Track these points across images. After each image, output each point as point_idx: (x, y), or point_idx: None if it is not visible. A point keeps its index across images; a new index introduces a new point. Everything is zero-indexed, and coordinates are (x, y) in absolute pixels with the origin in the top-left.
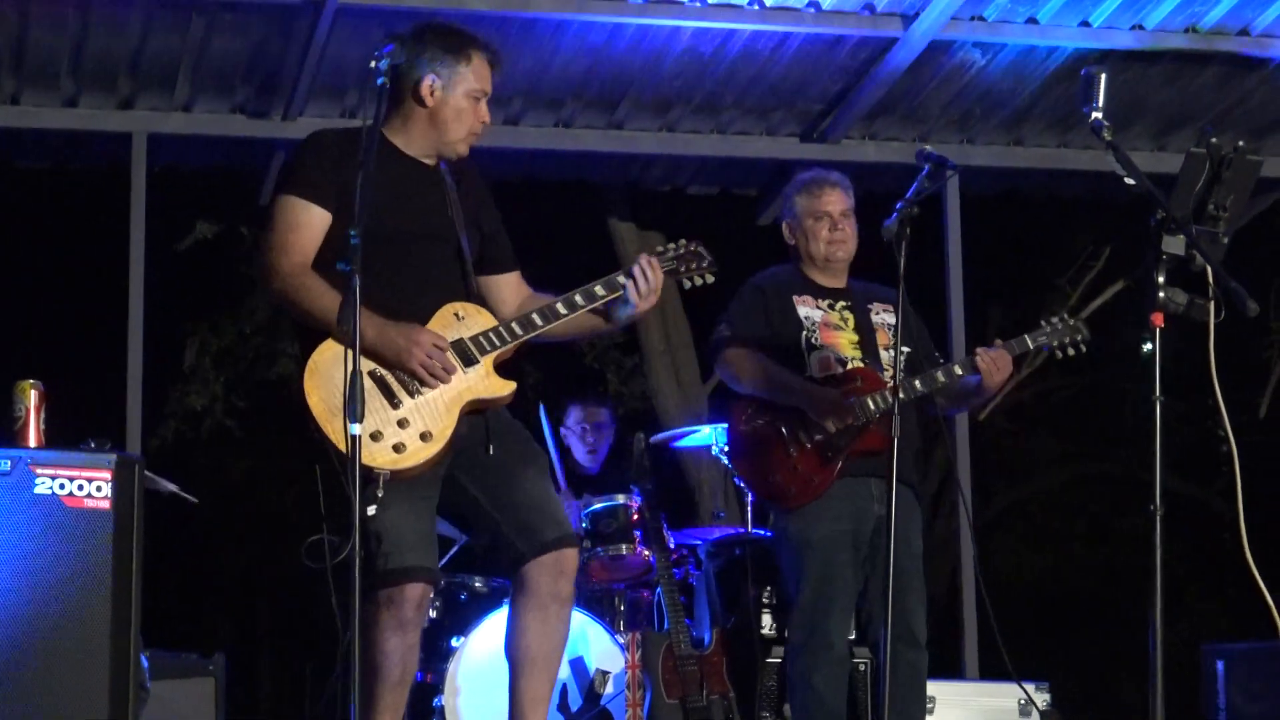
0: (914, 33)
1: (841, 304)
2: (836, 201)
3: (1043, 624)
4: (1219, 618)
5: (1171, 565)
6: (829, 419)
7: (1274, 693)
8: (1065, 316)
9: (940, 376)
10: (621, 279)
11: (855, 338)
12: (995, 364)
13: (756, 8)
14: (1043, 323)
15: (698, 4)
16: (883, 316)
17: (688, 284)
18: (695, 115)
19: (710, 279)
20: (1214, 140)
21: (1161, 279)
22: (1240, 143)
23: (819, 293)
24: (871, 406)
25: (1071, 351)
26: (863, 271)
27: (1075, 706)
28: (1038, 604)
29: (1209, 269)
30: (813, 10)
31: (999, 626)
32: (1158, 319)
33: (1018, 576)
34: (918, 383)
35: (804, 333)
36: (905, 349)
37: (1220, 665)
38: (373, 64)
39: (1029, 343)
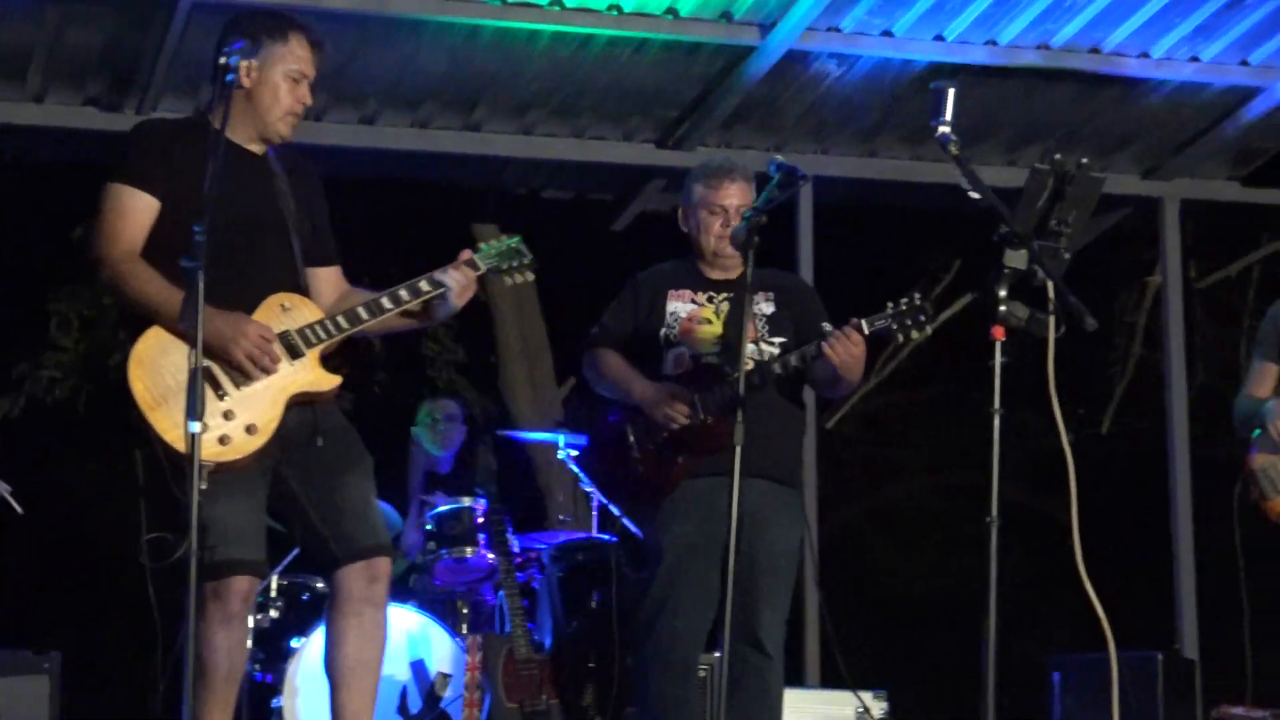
0: (771, 42)
1: (723, 296)
2: (734, 195)
3: (896, 632)
4: (1066, 628)
5: (1023, 576)
6: (661, 416)
7: (1106, 703)
8: (914, 296)
9: (776, 368)
10: (442, 276)
11: (719, 332)
12: (836, 348)
13: (615, 13)
14: (888, 304)
15: (556, 7)
16: (762, 307)
17: (509, 281)
18: (552, 119)
19: (530, 277)
20: (1058, 156)
21: (1003, 292)
22: (1084, 159)
23: (703, 285)
24: (711, 403)
25: (915, 334)
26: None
27: (920, 714)
28: (891, 612)
29: (1049, 283)
30: (670, 17)
31: (846, 634)
32: (998, 332)
33: (873, 584)
34: (755, 377)
35: (664, 329)
36: (780, 339)
37: (1057, 676)
38: (222, 60)
39: (864, 328)
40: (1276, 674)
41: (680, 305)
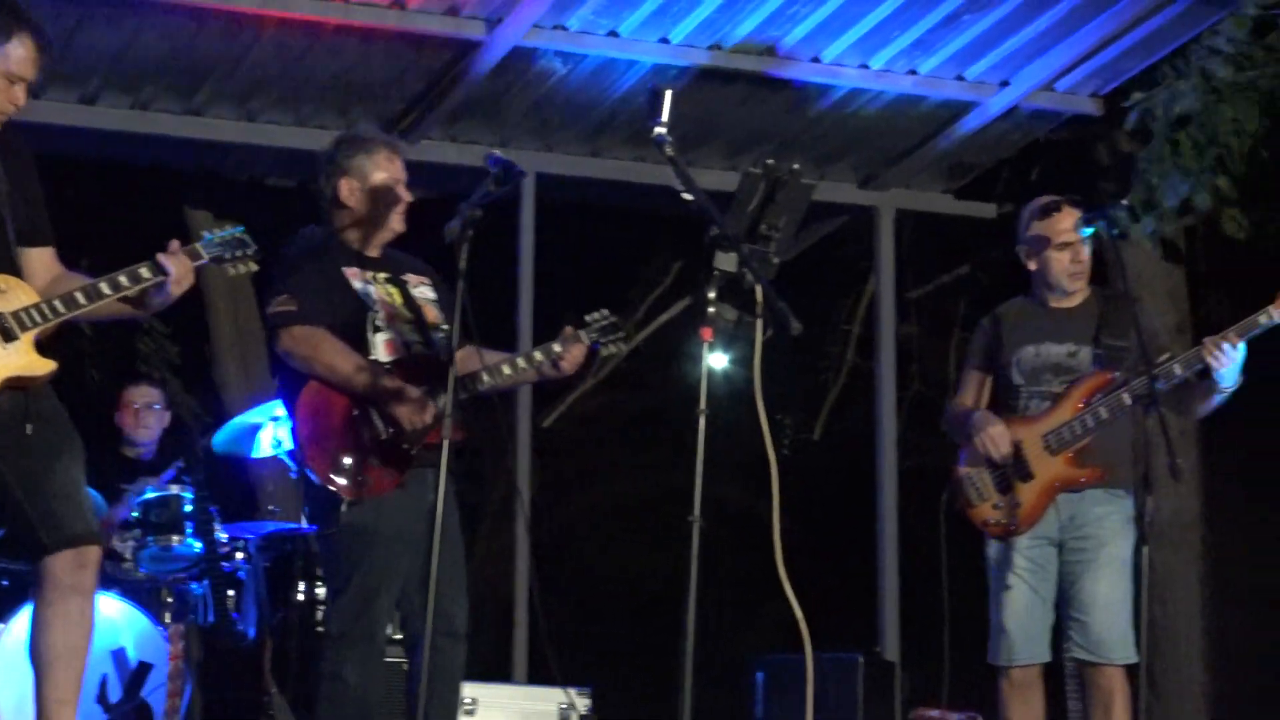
0: (497, 37)
1: (383, 275)
2: (403, 173)
3: (605, 630)
4: (777, 629)
5: (735, 576)
6: (409, 421)
7: (804, 702)
8: (604, 313)
9: (506, 370)
10: (164, 262)
11: (410, 316)
12: (572, 358)
13: (342, 2)
14: (585, 318)
15: None
16: (422, 291)
17: (232, 271)
18: (276, 106)
19: (254, 267)
20: (770, 161)
21: (713, 294)
22: (795, 165)
23: (363, 263)
24: (441, 402)
25: (614, 349)
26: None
27: (625, 711)
28: (601, 610)
29: (758, 286)
30: (398, 9)
31: (555, 632)
32: (706, 333)
33: (585, 582)
34: (484, 376)
35: (369, 313)
36: (447, 328)
37: (760, 676)
38: None
39: (583, 338)
40: (973, 678)
41: (363, 285)
